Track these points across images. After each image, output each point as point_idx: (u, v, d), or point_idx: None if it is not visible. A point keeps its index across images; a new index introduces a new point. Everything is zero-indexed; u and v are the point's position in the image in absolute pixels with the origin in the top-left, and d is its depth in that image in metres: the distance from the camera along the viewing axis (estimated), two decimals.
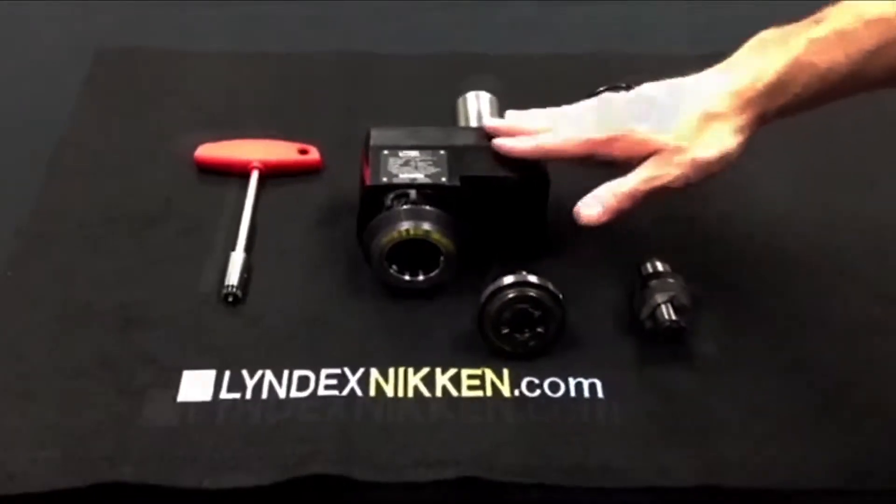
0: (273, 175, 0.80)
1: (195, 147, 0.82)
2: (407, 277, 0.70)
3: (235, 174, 0.80)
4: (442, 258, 0.68)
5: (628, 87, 0.80)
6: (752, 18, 0.69)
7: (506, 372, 0.66)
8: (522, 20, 1.03)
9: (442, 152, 0.70)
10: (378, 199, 0.68)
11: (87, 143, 0.85)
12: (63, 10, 1.02)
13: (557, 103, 0.88)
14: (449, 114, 0.81)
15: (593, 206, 0.66)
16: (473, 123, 0.78)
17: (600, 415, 0.64)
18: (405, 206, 0.67)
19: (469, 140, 0.72)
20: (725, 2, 1.02)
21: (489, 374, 0.66)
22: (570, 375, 0.66)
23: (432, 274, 0.69)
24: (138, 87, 0.91)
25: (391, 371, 0.66)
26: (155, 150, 0.84)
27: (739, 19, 1.00)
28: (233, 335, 0.69)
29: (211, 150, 0.82)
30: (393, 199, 0.68)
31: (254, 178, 0.80)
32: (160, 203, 0.79)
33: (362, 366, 0.66)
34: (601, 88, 0.81)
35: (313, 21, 1.00)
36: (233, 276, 0.71)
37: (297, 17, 1.00)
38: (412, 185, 0.68)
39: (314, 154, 0.81)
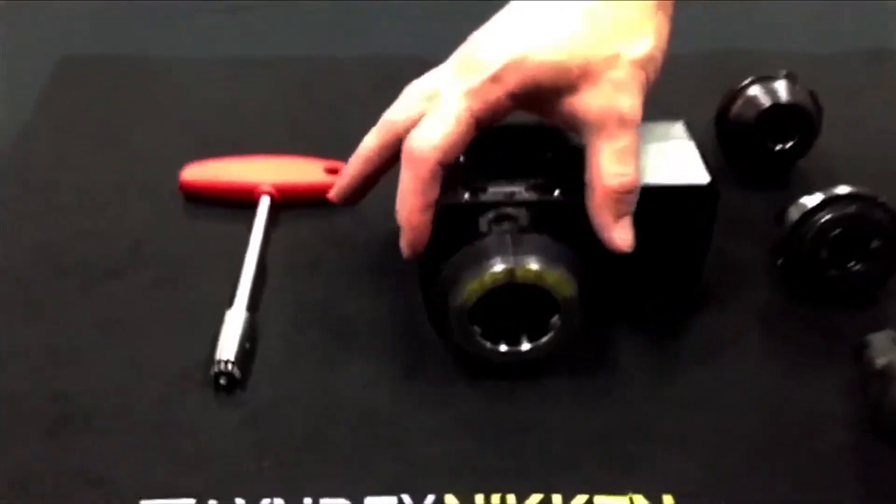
0: (290, 203, 0.57)
1: (181, 170, 0.58)
2: (502, 347, 0.45)
3: (237, 203, 0.57)
4: (558, 315, 0.44)
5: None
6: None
7: (668, 500, 0.41)
8: None
9: (548, 154, 0.46)
10: (456, 225, 0.44)
11: (37, 173, 0.61)
12: (30, 15, 0.80)
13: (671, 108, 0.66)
14: None
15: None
16: None
17: None
18: (499, 235, 0.43)
19: None
20: None
21: None
22: None
23: (542, 340, 0.45)
24: (109, 100, 0.68)
25: (479, 499, 0.41)
26: (127, 177, 0.60)
27: None
28: (224, 440, 0.44)
29: (203, 172, 0.58)
30: (491, 223, 0.44)
31: (263, 207, 0.56)
32: (128, 246, 0.55)
33: (431, 491, 0.41)
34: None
35: (333, 25, 0.77)
36: (228, 347, 0.46)
37: (314, 23, 0.78)
38: (510, 202, 0.44)
39: None
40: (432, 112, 0.44)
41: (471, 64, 0.44)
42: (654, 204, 0.44)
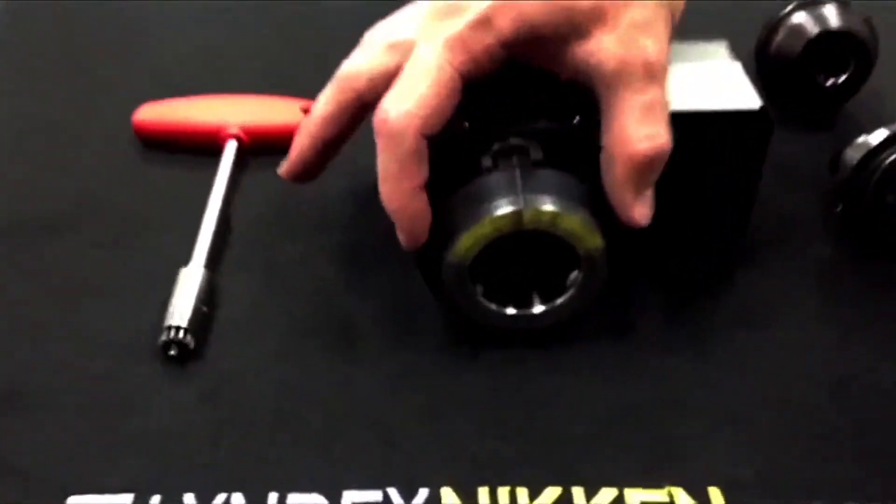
0: (261, 149, 0.49)
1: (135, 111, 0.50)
2: (509, 310, 0.37)
3: (200, 149, 0.49)
4: (578, 269, 0.36)
5: None
6: None
7: (716, 495, 0.33)
8: None
9: None
10: (453, 161, 0.36)
11: None
12: None
13: None
14: None
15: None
16: None
17: None
18: (505, 171, 0.35)
19: None
20: None
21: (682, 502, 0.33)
22: None
23: (559, 301, 0.37)
24: (60, 40, 0.60)
25: (482, 494, 0.33)
26: (76, 122, 0.52)
27: None
28: (174, 421, 0.36)
29: (160, 112, 0.50)
30: (496, 157, 0.36)
31: (229, 152, 0.48)
32: (72, 198, 0.47)
33: (424, 484, 0.34)
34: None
35: None
36: (181, 311, 0.39)
37: None
38: (519, 131, 0.36)
39: None
40: (406, 70, 0.35)
41: (451, 5, 0.35)
42: (692, 135, 0.36)
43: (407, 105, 0.34)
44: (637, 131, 0.34)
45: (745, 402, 0.37)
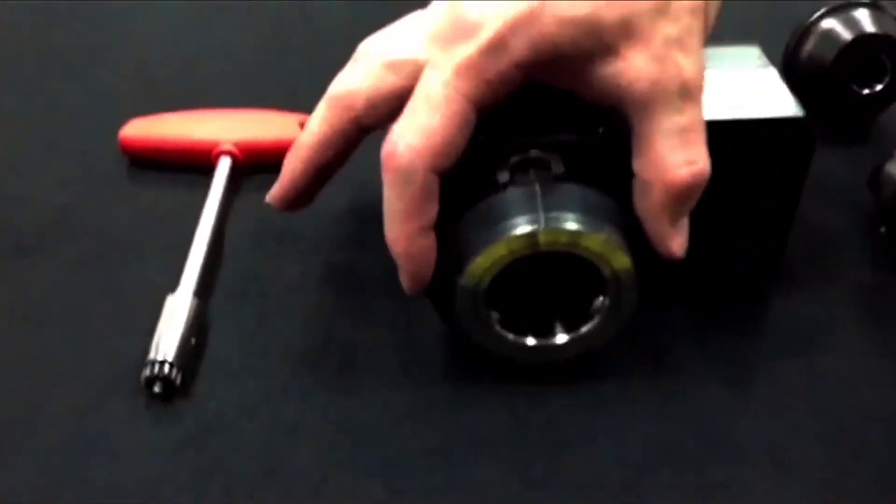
0: (256, 166, 0.46)
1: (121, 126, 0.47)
2: (529, 341, 0.34)
3: (191, 166, 0.45)
4: (604, 295, 0.33)
5: None
6: None
7: None
8: None
9: None
10: (466, 176, 0.32)
11: None
12: None
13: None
14: None
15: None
16: None
17: None
18: (523, 186, 0.32)
19: None
20: None
21: None
22: None
23: (583, 329, 0.34)
24: (40, 46, 0.57)
25: None
26: (57, 135, 0.49)
27: None
28: (156, 465, 0.33)
29: (148, 128, 0.47)
30: (514, 171, 0.33)
31: (222, 170, 0.45)
32: (52, 217, 0.44)
33: None
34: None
35: None
36: (166, 344, 0.35)
37: None
38: (539, 143, 0.33)
39: None
40: (414, 100, 0.32)
41: (459, 26, 0.32)
42: (727, 146, 0.33)
43: (416, 140, 0.31)
44: (674, 157, 0.31)
45: (790, 440, 0.33)
